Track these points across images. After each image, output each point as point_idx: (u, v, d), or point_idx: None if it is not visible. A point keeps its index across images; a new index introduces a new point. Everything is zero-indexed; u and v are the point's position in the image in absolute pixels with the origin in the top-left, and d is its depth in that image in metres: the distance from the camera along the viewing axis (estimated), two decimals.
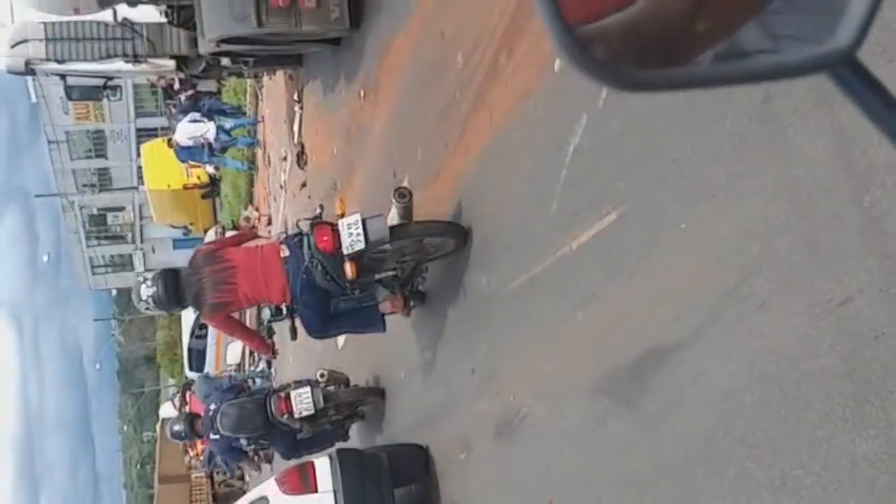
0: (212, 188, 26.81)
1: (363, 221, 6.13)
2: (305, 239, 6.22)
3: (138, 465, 69.73)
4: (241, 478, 18.93)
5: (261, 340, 7.70)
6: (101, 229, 54.67)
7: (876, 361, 2.88)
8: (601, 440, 4.89)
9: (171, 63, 16.61)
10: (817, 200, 3.19)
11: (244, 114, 22.72)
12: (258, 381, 17.14)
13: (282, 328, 7.58)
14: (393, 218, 6.54)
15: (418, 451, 8.00)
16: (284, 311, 6.55)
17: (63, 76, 17.63)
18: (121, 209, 53.89)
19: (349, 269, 6.11)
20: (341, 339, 10.62)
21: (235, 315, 7.23)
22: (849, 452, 2.98)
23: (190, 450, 22.71)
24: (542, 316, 5.65)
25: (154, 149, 26.90)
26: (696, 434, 3.93)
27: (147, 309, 6.79)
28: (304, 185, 15.47)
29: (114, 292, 63.35)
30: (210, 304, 6.40)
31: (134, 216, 52.99)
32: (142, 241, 53.14)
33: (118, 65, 16.48)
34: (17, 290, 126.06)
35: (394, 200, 6.58)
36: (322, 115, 14.09)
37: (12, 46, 15.87)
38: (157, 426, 38.89)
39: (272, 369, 18.66)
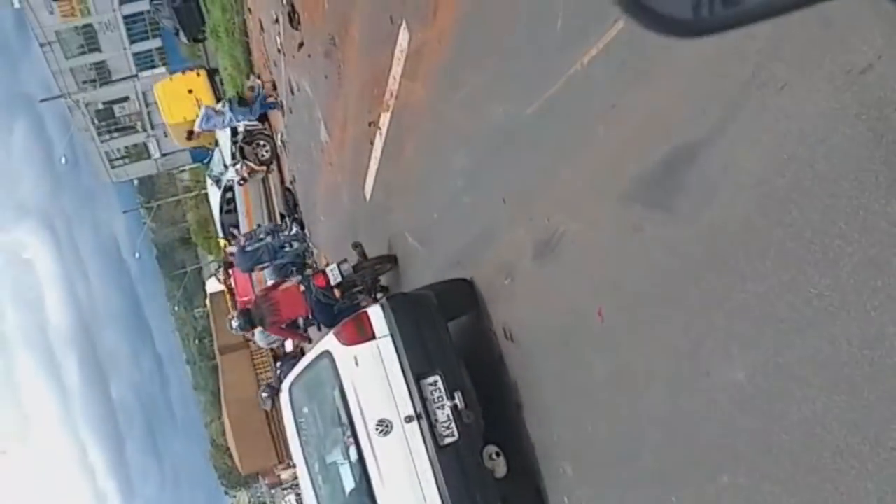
0: None
1: (338, 266, 10.97)
2: (310, 281, 10.97)
3: (196, 341, 71.97)
4: None
5: (301, 336, 12.05)
6: (111, 122, 54.45)
7: None
8: (640, 244, 4.99)
9: None
10: None
11: None
12: (294, 244, 17.51)
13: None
14: (354, 259, 11.39)
15: (464, 284, 8.20)
16: (311, 318, 11.11)
17: None
18: (125, 99, 53.47)
19: (336, 292, 10.83)
20: (369, 187, 10.90)
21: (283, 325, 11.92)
22: (886, 215, 3.05)
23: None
24: (564, 136, 5.67)
25: (166, 86, 32.31)
26: (734, 222, 4.01)
27: (236, 331, 11.88)
28: (301, 44, 15.19)
29: (136, 182, 63.69)
30: (269, 322, 11.21)
31: (140, 104, 52.59)
32: (152, 128, 52.93)
33: None
34: (43, 196, 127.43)
35: (351, 250, 11.72)
36: None
37: None
38: (207, 302, 39.96)
39: (305, 230, 18.95)
